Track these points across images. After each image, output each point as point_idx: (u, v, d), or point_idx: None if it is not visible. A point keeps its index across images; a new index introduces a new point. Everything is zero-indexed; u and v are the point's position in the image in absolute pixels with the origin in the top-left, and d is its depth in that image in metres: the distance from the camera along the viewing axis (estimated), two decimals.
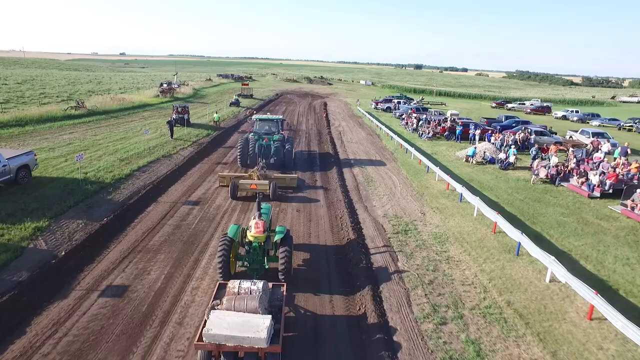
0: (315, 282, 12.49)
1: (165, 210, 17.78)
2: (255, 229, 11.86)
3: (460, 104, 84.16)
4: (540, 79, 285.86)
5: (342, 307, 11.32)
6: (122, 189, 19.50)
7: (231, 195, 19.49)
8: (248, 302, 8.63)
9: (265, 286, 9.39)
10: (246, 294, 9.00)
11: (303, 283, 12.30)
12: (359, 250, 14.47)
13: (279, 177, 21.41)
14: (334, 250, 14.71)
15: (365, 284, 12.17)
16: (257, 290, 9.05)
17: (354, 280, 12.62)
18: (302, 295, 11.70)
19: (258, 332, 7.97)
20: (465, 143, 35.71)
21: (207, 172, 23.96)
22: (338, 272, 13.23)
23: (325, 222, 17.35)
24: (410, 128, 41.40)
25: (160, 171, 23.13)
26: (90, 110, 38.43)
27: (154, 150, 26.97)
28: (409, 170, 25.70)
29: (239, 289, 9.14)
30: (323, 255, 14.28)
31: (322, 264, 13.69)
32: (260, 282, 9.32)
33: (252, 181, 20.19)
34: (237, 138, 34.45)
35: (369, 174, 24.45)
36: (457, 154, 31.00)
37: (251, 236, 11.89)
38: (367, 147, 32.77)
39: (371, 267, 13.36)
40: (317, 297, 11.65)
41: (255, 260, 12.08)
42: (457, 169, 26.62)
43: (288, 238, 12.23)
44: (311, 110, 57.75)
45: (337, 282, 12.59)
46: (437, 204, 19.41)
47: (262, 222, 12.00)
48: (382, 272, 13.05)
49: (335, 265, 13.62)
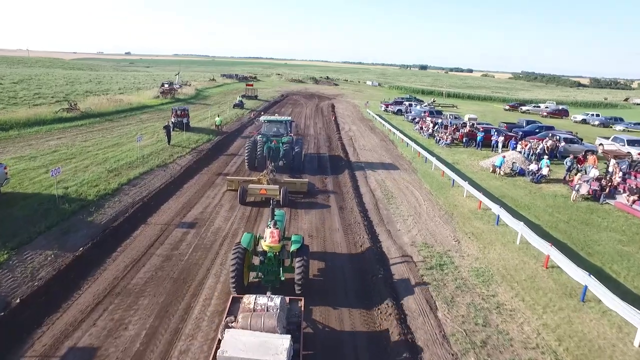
0: (337, 347, 9.82)
1: (155, 234, 15.16)
2: (271, 238, 11.14)
3: (470, 106, 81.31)
4: (547, 80, 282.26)
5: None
6: (106, 207, 16.89)
7: (240, 200, 18.55)
8: (265, 320, 8.01)
9: (283, 302, 8.71)
10: (262, 310, 8.35)
11: (325, 350, 9.65)
12: (386, 292, 11.78)
13: (289, 181, 20.58)
14: (354, 292, 12.03)
15: (402, 350, 9.47)
16: (275, 307, 8.39)
17: (384, 343, 9.92)
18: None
19: (277, 354, 7.34)
20: (487, 150, 32.97)
21: (206, 185, 21.34)
22: (363, 324, 10.56)
23: (342, 247, 14.69)
24: (426, 133, 38.65)
25: (152, 184, 20.53)
26: (83, 113, 35.93)
27: (149, 159, 24.38)
28: (431, 183, 22.98)
29: (255, 305, 8.45)
30: (342, 294, 11.61)
31: (342, 308, 11.00)
32: (277, 298, 8.64)
33: (261, 186, 19.17)
34: (241, 144, 31.91)
35: (388, 188, 21.75)
36: (480, 163, 28.24)
37: (266, 246, 11.20)
38: (382, 155, 30.06)
39: (405, 319, 10.67)
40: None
41: (270, 272, 11.50)
42: (484, 181, 23.88)
43: (304, 248, 11.59)
44: (318, 112, 55.09)
45: (363, 348, 9.91)
46: (471, 228, 16.68)
47: (277, 230, 11.28)
48: (420, 327, 10.35)
49: (360, 320, 10.92)
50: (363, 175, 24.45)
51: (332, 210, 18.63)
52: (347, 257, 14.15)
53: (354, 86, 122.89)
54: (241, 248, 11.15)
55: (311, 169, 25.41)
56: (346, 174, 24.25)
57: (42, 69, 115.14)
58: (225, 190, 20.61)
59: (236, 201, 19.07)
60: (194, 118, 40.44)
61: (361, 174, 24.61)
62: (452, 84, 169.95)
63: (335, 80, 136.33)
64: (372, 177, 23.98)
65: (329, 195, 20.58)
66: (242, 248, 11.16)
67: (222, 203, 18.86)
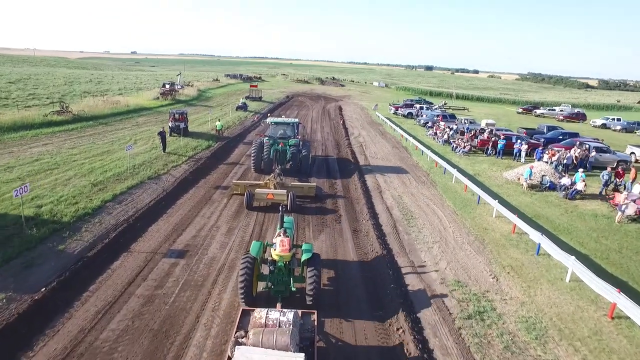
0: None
1: (138, 267, 12.83)
2: (281, 247, 10.74)
3: (481, 108, 78.61)
4: (554, 81, 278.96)
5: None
6: (83, 231, 14.57)
7: (246, 205, 18.17)
8: (278, 336, 7.58)
9: (296, 317, 8.30)
10: (275, 326, 8.05)
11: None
12: (417, 353, 9.37)
13: (297, 185, 20.19)
14: (377, 350, 9.62)
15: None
16: (288, 323, 8.05)
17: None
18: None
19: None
20: (508, 159, 30.45)
21: (201, 202, 19.00)
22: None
23: (360, 287, 12.28)
24: (440, 140, 36.13)
25: (141, 201, 18.20)
26: (76, 116, 33.71)
27: (140, 169, 22.08)
28: (454, 199, 20.51)
29: (267, 320, 8.11)
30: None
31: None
32: (290, 313, 8.30)
33: (268, 191, 18.74)
34: (243, 151, 29.60)
35: (406, 206, 19.32)
36: (504, 175, 25.72)
37: (276, 255, 10.78)
38: (395, 164, 27.60)
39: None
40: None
41: (280, 282, 10.99)
42: (512, 197, 21.40)
43: (316, 258, 11.07)
44: (325, 115, 52.67)
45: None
46: (508, 259, 14.22)
47: (287, 239, 10.89)
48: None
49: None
50: (377, 188, 22.03)
51: (345, 233, 16.21)
52: (366, 301, 11.72)
53: (361, 87, 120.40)
54: (250, 257, 10.73)
55: (320, 177, 23.04)
56: (359, 187, 21.82)
57: (45, 68, 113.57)
58: (229, 198, 18.56)
59: (235, 222, 16.77)
60: (194, 121, 38.23)
61: (375, 187, 22.19)
62: (458, 84, 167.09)
63: (341, 80, 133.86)
64: (387, 191, 21.55)
65: (341, 215, 18.17)
66: (252, 257, 10.74)
67: (218, 224, 16.50)
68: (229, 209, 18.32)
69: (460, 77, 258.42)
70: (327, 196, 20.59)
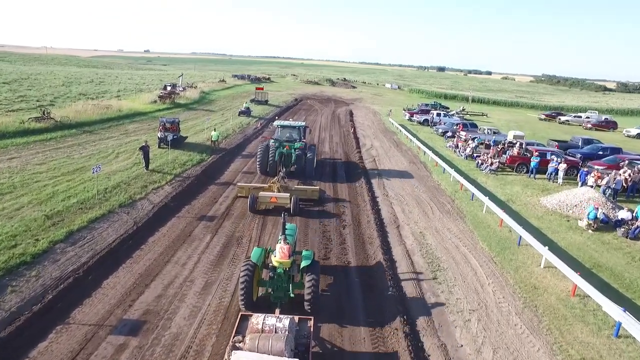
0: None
1: (70, 352, 9.33)
2: (281, 254, 10.87)
3: (500, 113, 74.30)
4: (570, 83, 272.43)
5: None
6: (8, 293, 11.10)
7: (250, 208, 18.21)
8: (273, 342, 7.77)
9: (292, 323, 8.53)
10: (271, 331, 8.20)
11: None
12: None
13: (300, 189, 20.42)
14: None
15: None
16: (283, 329, 8.22)
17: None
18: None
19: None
20: (542, 179, 26.53)
21: (178, 240, 15.47)
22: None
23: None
24: (463, 153, 32.24)
25: (102, 240, 14.74)
26: (58, 123, 30.47)
27: (112, 194, 18.67)
28: (489, 239, 16.71)
29: (264, 326, 8.29)
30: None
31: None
32: (286, 319, 8.50)
33: (271, 194, 18.77)
34: (239, 166, 26.14)
35: (430, 249, 15.58)
36: (542, 202, 21.82)
37: (276, 261, 10.91)
38: (414, 186, 23.81)
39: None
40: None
41: (279, 288, 11.07)
42: (557, 234, 17.56)
43: (315, 265, 11.23)
44: (335, 121, 48.96)
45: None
46: (577, 345, 10.41)
47: (287, 246, 10.95)
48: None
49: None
50: (394, 222, 18.31)
51: (354, 294, 12.56)
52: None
53: (373, 89, 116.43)
54: (251, 264, 10.95)
55: (325, 205, 19.43)
56: (372, 220, 18.09)
57: (54, 67, 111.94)
58: (213, 234, 15.12)
59: (214, 273, 13.26)
60: (189, 129, 34.88)
61: (392, 220, 18.46)
62: (471, 85, 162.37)
63: (352, 82, 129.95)
64: (406, 226, 17.82)
65: (349, 262, 14.51)
66: (252, 264, 10.95)
67: (193, 277, 12.97)
68: (211, 250, 14.78)
69: (473, 79, 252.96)
70: (335, 231, 16.94)
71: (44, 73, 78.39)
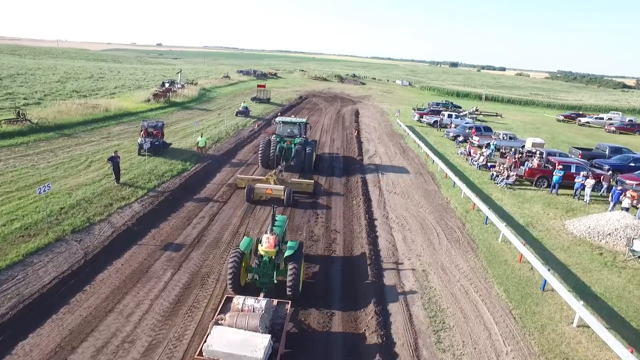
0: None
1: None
2: (267, 244, 11.89)
3: (514, 113, 70.68)
4: (587, 80, 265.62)
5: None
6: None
7: (247, 198, 19.35)
8: (249, 320, 8.90)
9: (269, 304, 9.60)
10: (249, 311, 9.28)
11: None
12: None
13: (296, 182, 21.35)
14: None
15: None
16: (260, 309, 9.28)
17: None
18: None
19: (255, 351, 8.16)
20: (566, 194, 23.54)
21: (132, 278, 12.89)
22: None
23: None
24: (476, 163, 29.23)
25: (37, 279, 12.20)
26: (34, 125, 28.17)
27: (68, 215, 16.20)
28: (506, 281, 13.86)
29: (243, 306, 9.39)
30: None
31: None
32: (264, 301, 9.55)
33: (267, 186, 19.79)
34: (225, 177, 23.61)
35: (435, 297, 12.76)
36: (568, 226, 18.86)
37: (262, 250, 11.96)
38: (419, 205, 20.95)
39: None
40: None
41: (265, 274, 12.02)
42: (589, 273, 14.66)
43: (298, 254, 11.96)
44: (339, 122, 46.07)
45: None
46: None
47: (274, 236, 11.97)
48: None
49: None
50: (392, 255, 15.50)
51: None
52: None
53: (383, 85, 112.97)
54: (239, 252, 11.80)
55: (314, 241, 16.74)
56: (367, 252, 15.30)
57: (62, 61, 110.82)
58: (175, 270, 12.67)
59: (162, 333, 10.65)
60: (179, 132, 32.49)
61: (389, 253, 15.63)
62: (484, 82, 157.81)
63: (362, 78, 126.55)
64: (406, 260, 15.02)
65: (333, 314, 11.79)
66: (240, 252, 11.80)
67: (135, 335, 10.38)
68: (168, 294, 12.19)
69: (486, 75, 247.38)
70: (321, 271, 14.23)
71: (45, 68, 76.61)
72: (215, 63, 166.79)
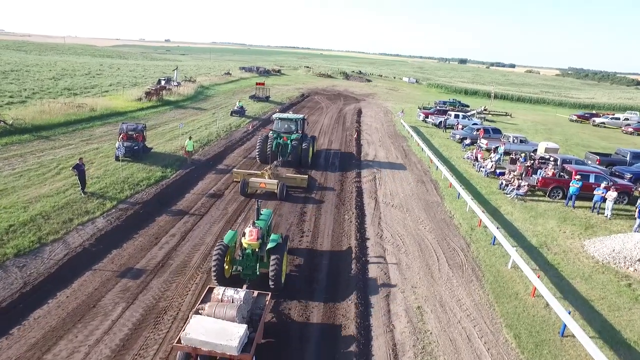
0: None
1: None
2: (249, 236, 12.24)
3: (524, 112, 67.94)
4: (599, 77, 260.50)
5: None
6: None
7: (241, 191, 19.84)
8: (227, 310, 9.16)
9: (248, 295, 9.82)
10: (228, 301, 9.57)
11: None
12: None
13: (290, 176, 21.79)
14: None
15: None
16: (239, 299, 9.56)
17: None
18: None
19: (230, 340, 8.44)
20: (583, 207, 21.25)
21: (74, 316, 10.93)
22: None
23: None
24: (484, 169, 26.93)
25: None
26: (9, 127, 26.36)
27: (16, 234, 14.31)
28: (517, 322, 11.67)
29: (223, 296, 9.69)
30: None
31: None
32: (243, 292, 9.82)
33: (261, 180, 20.18)
34: (208, 185, 21.71)
35: (430, 343, 10.62)
36: (587, 248, 16.59)
37: (245, 243, 12.30)
38: (419, 220, 18.76)
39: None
40: None
41: (248, 266, 12.37)
42: (619, 315, 12.42)
43: (280, 247, 12.26)
44: (340, 123, 43.85)
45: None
46: None
47: (256, 229, 12.33)
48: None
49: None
50: (384, 285, 13.36)
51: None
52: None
53: (389, 83, 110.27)
54: (223, 245, 12.15)
55: (297, 254, 14.67)
56: (352, 285, 13.18)
57: (67, 57, 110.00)
58: (129, 302, 10.33)
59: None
60: (166, 134, 30.51)
61: (382, 283, 13.49)
62: (493, 79, 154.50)
63: (367, 75, 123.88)
64: (399, 293, 12.88)
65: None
66: (224, 245, 12.16)
67: None
68: (112, 337, 10.21)
69: (495, 72, 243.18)
70: (297, 315, 12.18)
71: (43, 64, 75.17)
72: (221, 59, 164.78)
